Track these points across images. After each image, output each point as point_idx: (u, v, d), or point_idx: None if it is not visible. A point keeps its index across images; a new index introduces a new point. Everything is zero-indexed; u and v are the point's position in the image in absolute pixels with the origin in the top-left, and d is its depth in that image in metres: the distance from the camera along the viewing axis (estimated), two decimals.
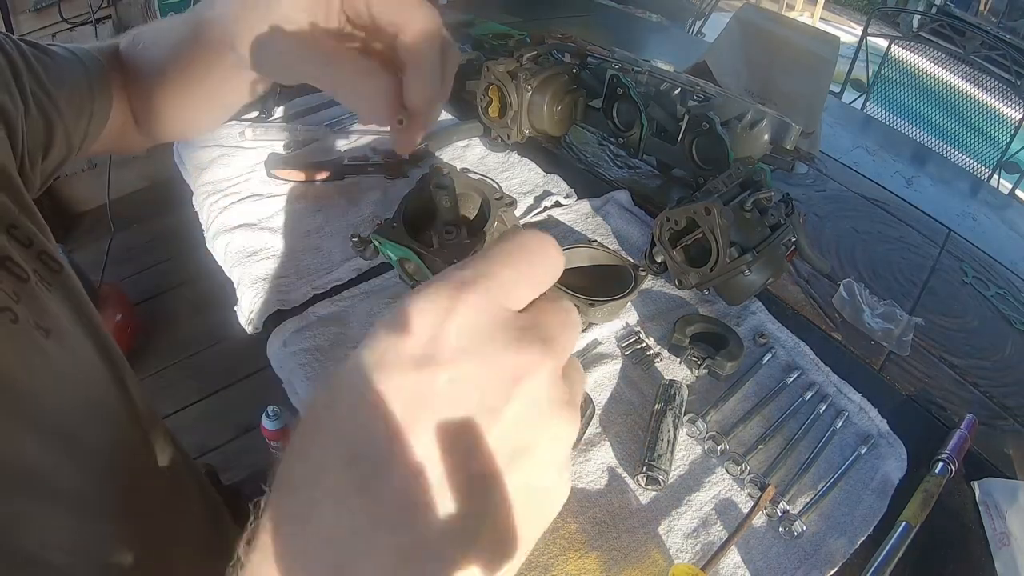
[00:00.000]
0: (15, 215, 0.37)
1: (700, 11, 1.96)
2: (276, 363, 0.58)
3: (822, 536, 0.48)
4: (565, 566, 0.44)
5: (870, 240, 0.82)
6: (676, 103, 0.74)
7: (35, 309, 0.35)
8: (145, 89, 0.49)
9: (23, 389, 0.33)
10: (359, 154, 0.79)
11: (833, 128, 1.11)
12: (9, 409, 0.32)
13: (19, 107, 0.40)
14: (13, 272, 0.34)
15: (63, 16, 1.59)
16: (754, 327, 0.64)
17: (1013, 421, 0.62)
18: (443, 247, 0.56)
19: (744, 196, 0.60)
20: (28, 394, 0.33)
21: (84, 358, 0.39)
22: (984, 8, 3.88)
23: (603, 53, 0.81)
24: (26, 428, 0.32)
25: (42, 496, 0.33)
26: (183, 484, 0.50)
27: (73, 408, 0.36)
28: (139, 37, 0.50)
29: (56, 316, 0.37)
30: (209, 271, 0.71)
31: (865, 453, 0.54)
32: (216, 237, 0.69)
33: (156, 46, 0.47)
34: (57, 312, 0.37)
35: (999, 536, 0.50)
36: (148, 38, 0.49)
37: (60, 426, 0.35)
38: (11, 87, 0.39)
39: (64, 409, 0.35)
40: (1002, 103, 1.62)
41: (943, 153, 1.63)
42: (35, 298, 0.35)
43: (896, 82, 1.73)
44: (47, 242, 0.39)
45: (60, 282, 0.39)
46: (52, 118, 0.43)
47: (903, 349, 0.66)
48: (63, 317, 0.38)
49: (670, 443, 0.50)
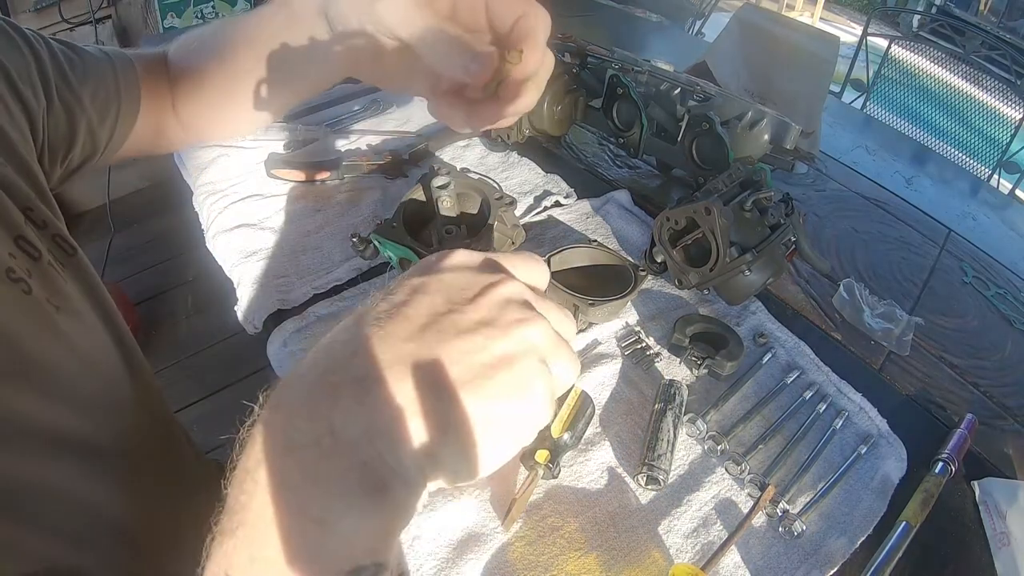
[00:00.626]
0: (31, 199, 0.38)
1: (700, 11, 1.96)
2: (276, 363, 0.58)
3: (822, 536, 0.48)
4: (565, 566, 0.44)
5: (870, 240, 0.82)
6: (676, 103, 0.74)
7: (47, 286, 0.36)
8: (199, 87, 0.50)
9: (35, 357, 0.33)
10: (359, 154, 0.79)
11: (833, 128, 1.11)
12: (20, 373, 0.32)
13: (41, 102, 0.41)
14: (25, 250, 0.35)
15: (63, 16, 1.59)
16: (754, 327, 0.64)
17: (1013, 421, 0.62)
18: (443, 247, 0.56)
19: (744, 196, 0.60)
20: (40, 362, 0.34)
21: (96, 338, 0.39)
22: (984, 8, 3.88)
23: (603, 53, 0.81)
24: (36, 392, 0.33)
25: (50, 456, 0.33)
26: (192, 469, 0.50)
27: (84, 382, 0.37)
28: (196, 37, 0.51)
29: (68, 296, 0.37)
30: (209, 271, 0.71)
31: (865, 453, 0.54)
32: (216, 237, 0.69)
33: (220, 41, 0.49)
34: (70, 292, 0.38)
35: (999, 536, 0.50)
36: (208, 35, 0.50)
37: (71, 396, 0.35)
38: (35, 81, 0.41)
39: (75, 382, 0.36)
40: (1002, 103, 1.62)
41: (943, 153, 1.63)
42: (47, 276, 0.36)
43: (896, 82, 1.73)
44: (61, 226, 0.40)
45: (73, 264, 0.39)
46: (76, 114, 0.44)
47: (903, 349, 0.66)
48: (75, 298, 0.38)
49: (670, 443, 0.50)
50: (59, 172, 0.46)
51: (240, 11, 1.66)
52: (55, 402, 0.34)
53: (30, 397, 0.32)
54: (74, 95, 0.44)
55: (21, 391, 0.32)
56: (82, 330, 0.38)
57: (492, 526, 0.46)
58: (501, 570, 0.44)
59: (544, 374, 0.24)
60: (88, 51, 0.47)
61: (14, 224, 0.35)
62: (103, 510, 0.35)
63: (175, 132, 0.54)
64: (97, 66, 0.46)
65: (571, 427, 0.48)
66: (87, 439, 0.35)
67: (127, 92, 0.48)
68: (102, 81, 0.46)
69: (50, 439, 0.33)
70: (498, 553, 0.44)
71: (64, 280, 0.37)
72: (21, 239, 0.35)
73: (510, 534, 0.45)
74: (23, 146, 0.39)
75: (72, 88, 0.44)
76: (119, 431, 0.38)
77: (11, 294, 0.33)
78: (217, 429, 0.29)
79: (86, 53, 0.46)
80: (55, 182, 0.45)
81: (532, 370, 0.24)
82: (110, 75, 0.47)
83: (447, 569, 0.43)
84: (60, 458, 0.33)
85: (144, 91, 0.49)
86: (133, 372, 0.42)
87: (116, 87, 0.47)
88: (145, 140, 0.51)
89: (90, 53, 0.47)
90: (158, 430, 0.44)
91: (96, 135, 0.46)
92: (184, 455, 0.49)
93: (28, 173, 0.39)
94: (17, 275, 0.33)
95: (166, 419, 0.47)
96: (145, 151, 0.53)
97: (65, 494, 0.33)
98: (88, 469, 0.35)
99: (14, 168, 0.37)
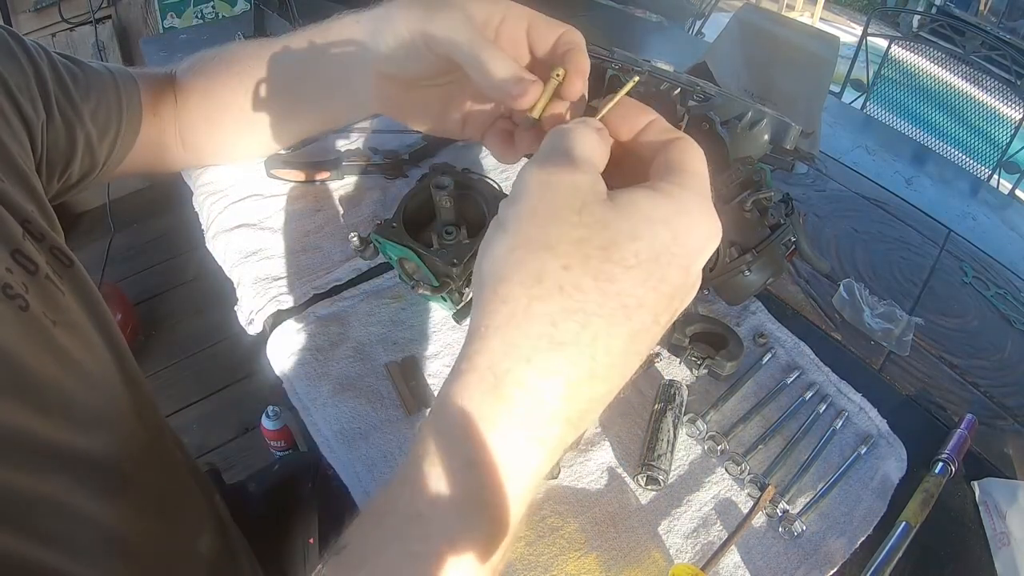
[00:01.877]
0: (29, 211, 0.38)
1: (700, 11, 1.96)
2: (276, 363, 0.58)
3: (822, 536, 0.48)
4: (565, 566, 0.44)
5: (870, 240, 0.82)
6: (676, 103, 0.74)
7: (45, 301, 0.35)
8: (210, 109, 0.50)
9: (32, 372, 0.33)
10: (359, 154, 0.79)
11: (833, 128, 1.11)
12: (17, 388, 0.32)
13: (40, 114, 0.41)
14: (22, 264, 0.35)
15: (63, 16, 1.59)
16: (754, 327, 0.64)
17: (1013, 421, 0.62)
18: (443, 247, 0.56)
19: (744, 196, 0.60)
20: (38, 377, 0.33)
21: (93, 351, 0.39)
22: (984, 8, 3.88)
23: (603, 53, 0.81)
24: (33, 407, 0.33)
25: (48, 469, 0.33)
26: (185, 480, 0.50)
27: (81, 396, 0.37)
28: (210, 59, 0.51)
29: (66, 309, 0.37)
30: (209, 271, 0.71)
31: (865, 453, 0.54)
32: (216, 237, 0.69)
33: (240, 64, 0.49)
34: (67, 305, 0.38)
35: (999, 536, 0.50)
36: (228, 58, 0.50)
37: (68, 410, 0.35)
38: (34, 94, 0.41)
39: (72, 396, 0.36)
40: (1002, 103, 1.62)
41: (943, 153, 1.63)
42: (45, 290, 0.36)
43: (896, 82, 1.73)
44: (59, 238, 0.40)
45: (71, 276, 0.39)
46: (76, 128, 0.44)
47: (903, 349, 0.66)
48: (73, 311, 0.38)
49: (670, 443, 0.50)
50: (57, 186, 0.45)
51: (240, 12, 1.66)
52: (52, 417, 0.34)
53: (27, 412, 0.32)
54: (75, 109, 0.44)
55: (18, 406, 0.32)
56: (79, 343, 0.38)
57: None
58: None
59: None
60: (91, 66, 0.47)
61: (11, 238, 0.35)
62: (99, 521, 0.35)
63: (177, 153, 0.54)
64: (100, 82, 0.46)
65: None
66: (83, 452, 0.35)
67: (129, 109, 0.48)
68: (104, 97, 0.46)
69: (47, 453, 0.33)
70: None
71: (62, 293, 0.37)
72: (18, 253, 0.35)
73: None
74: (22, 157, 0.39)
75: (73, 102, 0.44)
76: (115, 443, 0.38)
77: (8, 312, 0.32)
78: (217, 429, 0.29)
79: (89, 68, 0.46)
80: (52, 196, 0.45)
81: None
82: (112, 91, 0.47)
83: None
84: (56, 471, 0.33)
85: (146, 110, 0.49)
86: (129, 383, 0.42)
87: (118, 104, 0.47)
88: (145, 159, 0.51)
89: (93, 68, 0.47)
90: (152, 441, 0.44)
91: (95, 151, 0.46)
92: (177, 466, 0.49)
93: (27, 185, 0.39)
94: (14, 291, 0.33)
95: (160, 430, 0.47)
96: (145, 170, 0.53)
97: (61, 506, 0.33)
98: (84, 481, 0.35)
99: (13, 180, 0.37)
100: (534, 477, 0.24)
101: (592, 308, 0.23)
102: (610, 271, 0.23)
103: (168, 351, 1.66)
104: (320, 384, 0.55)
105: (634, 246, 0.23)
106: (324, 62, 0.44)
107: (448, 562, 0.22)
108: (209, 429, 1.47)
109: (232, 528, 0.55)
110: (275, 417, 1.25)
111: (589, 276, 0.23)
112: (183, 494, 0.49)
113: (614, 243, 0.23)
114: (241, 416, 1.46)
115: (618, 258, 0.23)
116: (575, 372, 0.23)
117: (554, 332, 0.22)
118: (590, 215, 0.23)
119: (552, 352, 0.23)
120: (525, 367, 0.23)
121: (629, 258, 0.23)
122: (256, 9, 0.98)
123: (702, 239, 0.25)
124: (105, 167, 0.48)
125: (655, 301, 0.24)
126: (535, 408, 0.23)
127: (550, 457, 0.24)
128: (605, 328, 0.23)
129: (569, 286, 0.22)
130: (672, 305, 0.25)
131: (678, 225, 0.24)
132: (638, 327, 0.24)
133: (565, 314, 0.22)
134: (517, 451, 0.23)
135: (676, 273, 0.24)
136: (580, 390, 0.23)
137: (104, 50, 1.67)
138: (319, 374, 0.55)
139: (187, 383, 1.57)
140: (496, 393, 0.23)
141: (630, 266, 0.23)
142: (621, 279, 0.23)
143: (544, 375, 0.23)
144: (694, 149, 0.27)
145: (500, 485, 0.23)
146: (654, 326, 0.24)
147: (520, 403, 0.23)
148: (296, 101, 0.48)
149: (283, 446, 1.28)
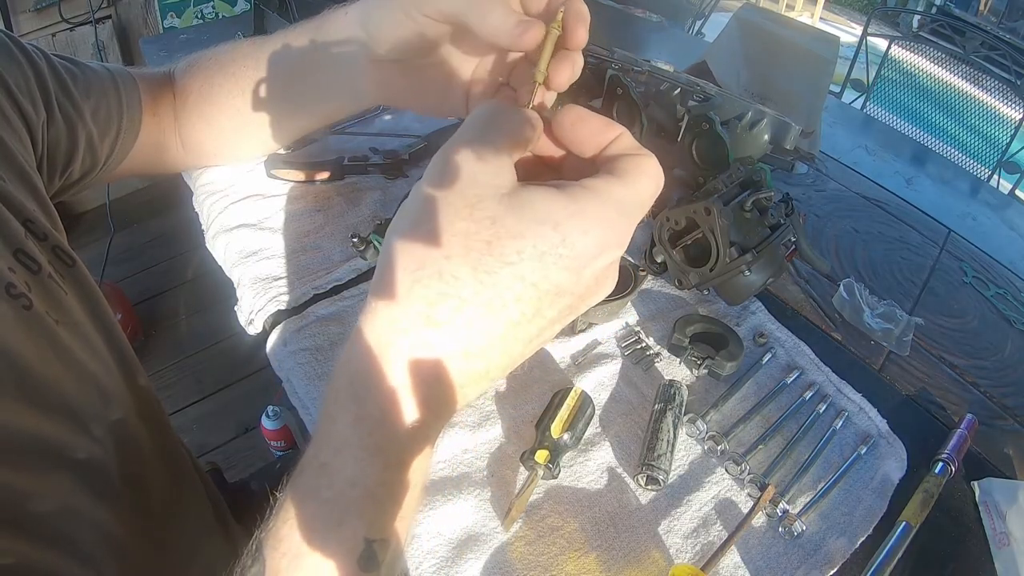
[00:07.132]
0: (32, 211, 0.38)
1: (700, 11, 1.96)
2: (276, 363, 0.58)
3: (822, 536, 0.48)
4: (564, 566, 0.44)
5: (870, 240, 0.82)
6: (676, 103, 0.74)
7: (47, 300, 0.36)
8: (208, 109, 0.50)
9: (36, 372, 0.33)
10: (359, 154, 0.79)
11: (833, 128, 1.11)
12: (20, 388, 0.32)
13: (41, 114, 0.41)
14: (25, 264, 0.35)
15: (63, 16, 1.59)
16: (754, 327, 0.64)
17: (1013, 421, 0.62)
18: None
19: (744, 196, 0.60)
20: (41, 377, 0.34)
21: (96, 350, 0.39)
22: (984, 8, 3.88)
23: (603, 53, 0.81)
24: (37, 407, 0.33)
25: (50, 468, 0.33)
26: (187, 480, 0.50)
27: (84, 396, 0.37)
28: (207, 58, 0.51)
29: (69, 309, 0.37)
30: (209, 271, 0.71)
31: (865, 453, 0.54)
32: (216, 237, 0.69)
33: (237, 63, 0.49)
34: (70, 305, 0.38)
35: (999, 536, 0.50)
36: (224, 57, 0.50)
37: (71, 410, 0.35)
38: (34, 94, 0.41)
39: (76, 396, 0.36)
40: (1002, 103, 1.62)
41: (943, 153, 1.63)
42: (47, 290, 0.36)
43: (896, 82, 1.73)
44: (61, 238, 0.40)
45: (73, 275, 0.39)
46: (76, 127, 0.44)
47: (903, 349, 0.66)
48: (75, 310, 0.38)
49: (670, 443, 0.50)
50: (58, 184, 0.46)
51: (240, 12, 1.66)
52: (55, 416, 0.34)
53: (30, 412, 0.32)
54: (75, 108, 0.44)
55: (21, 406, 0.32)
56: (82, 343, 0.38)
57: (492, 526, 0.46)
58: (501, 570, 0.44)
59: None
60: (91, 66, 0.47)
61: (14, 237, 0.35)
62: (100, 521, 0.35)
63: (177, 153, 0.54)
64: (99, 82, 0.46)
65: (571, 427, 0.48)
66: (86, 452, 0.35)
67: (129, 109, 0.48)
68: (104, 96, 0.46)
69: (50, 453, 0.33)
70: (497, 553, 0.44)
71: (64, 292, 0.37)
72: (21, 252, 0.35)
73: (510, 534, 0.45)
74: (24, 156, 0.39)
75: (73, 101, 0.44)
76: (118, 443, 0.38)
77: (11, 311, 0.32)
78: (217, 429, 0.30)
79: (88, 68, 0.46)
80: (53, 194, 0.45)
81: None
82: (112, 91, 0.47)
83: (446, 569, 0.43)
84: (59, 471, 0.33)
85: (146, 110, 0.49)
86: (131, 383, 0.42)
87: (118, 103, 0.47)
88: (146, 159, 0.51)
89: (92, 68, 0.47)
90: (156, 441, 0.44)
91: (96, 150, 0.46)
92: (179, 465, 0.49)
93: (29, 184, 0.39)
94: (17, 290, 0.33)
95: (164, 429, 0.47)
96: (145, 170, 0.53)
97: (63, 506, 0.33)
98: (86, 481, 0.35)
99: (14, 179, 0.37)
100: (421, 430, 0.26)
101: (467, 295, 0.25)
102: (490, 264, 0.25)
103: (168, 351, 1.66)
104: (320, 384, 0.55)
105: (516, 244, 0.25)
106: (318, 57, 0.44)
107: (351, 500, 0.25)
108: (209, 429, 1.47)
109: (234, 527, 0.55)
110: (275, 417, 1.25)
111: (468, 266, 0.25)
112: (185, 493, 0.49)
113: (498, 238, 0.25)
114: (241, 416, 1.47)
115: (499, 253, 0.24)
116: (449, 348, 0.25)
117: (431, 312, 0.25)
118: (482, 210, 0.25)
119: (427, 329, 0.25)
120: (403, 339, 0.25)
121: (510, 255, 0.24)
122: (256, 9, 0.98)
123: (594, 246, 0.26)
124: (106, 166, 0.49)
125: (536, 297, 0.25)
126: (414, 373, 0.26)
127: (435, 416, 0.27)
128: (481, 315, 0.25)
129: (448, 274, 0.25)
130: (562, 302, 0.26)
131: (569, 228, 0.25)
132: (517, 318, 0.26)
133: (441, 297, 0.25)
134: (400, 407, 0.26)
135: (561, 274, 0.25)
136: (454, 363, 0.26)
137: (104, 50, 1.67)
138: (319, 374, 0.55)
139: (187, 383, 1.58)
140: (382, 359, 0.26)
141: (510, 262, 0.25)
142: (500, 273, 0.25)
143: (419, 349, 0.25)
144: (646, 167, 0.27)
145: (389, 435, 0.26)
146: (537, 318, 0.26)
147: (400, 369, 0.25)
148: (293, 98, 0.48)
149: (283, 446, 1.28)
